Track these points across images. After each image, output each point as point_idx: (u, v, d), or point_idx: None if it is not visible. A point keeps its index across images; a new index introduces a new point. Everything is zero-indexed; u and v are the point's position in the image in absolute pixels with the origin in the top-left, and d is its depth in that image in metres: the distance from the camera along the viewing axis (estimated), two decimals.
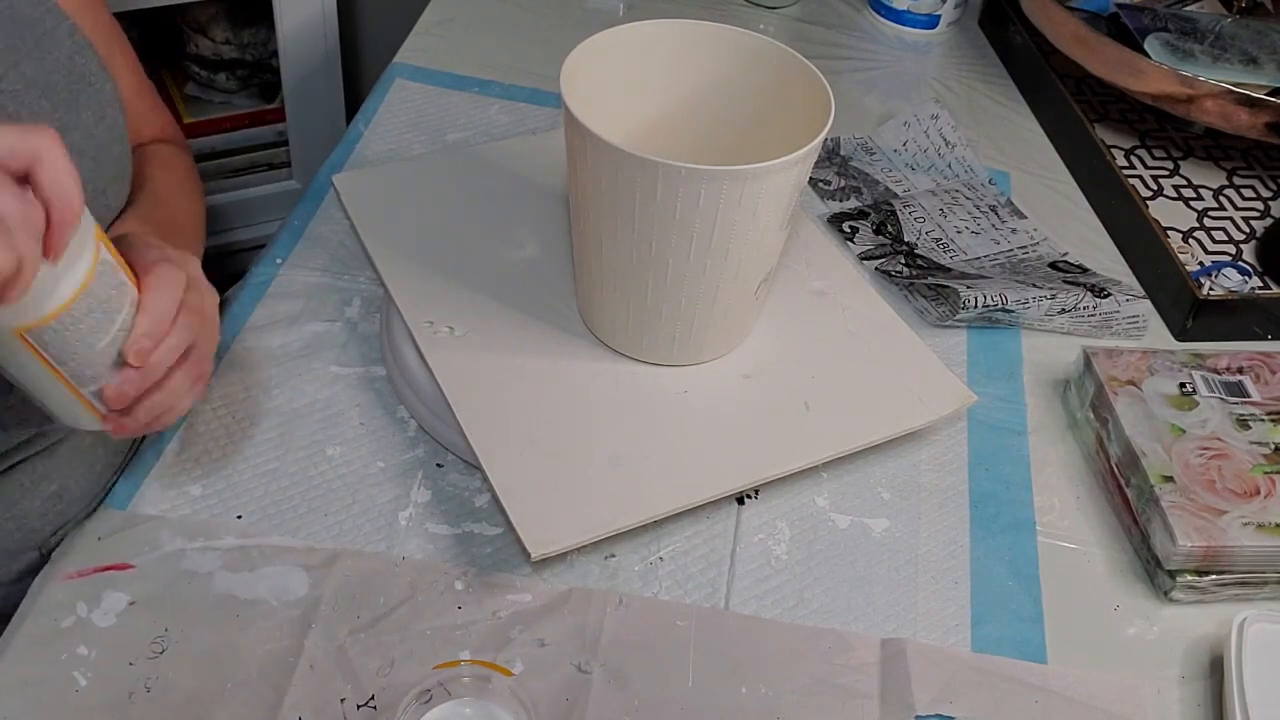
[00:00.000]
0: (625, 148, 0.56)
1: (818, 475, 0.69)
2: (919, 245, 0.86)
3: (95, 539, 0.60)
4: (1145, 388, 0.72)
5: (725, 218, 0.58)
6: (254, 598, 0.59)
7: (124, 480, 0.64)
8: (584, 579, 0.62)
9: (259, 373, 0.70)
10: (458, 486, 0.66)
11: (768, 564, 0.65)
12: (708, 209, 0.57)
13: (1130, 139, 0.97)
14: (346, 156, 0.87)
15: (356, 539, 0.63)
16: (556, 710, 0.56)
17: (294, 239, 0.80)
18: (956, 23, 1.16)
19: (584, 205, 0.62)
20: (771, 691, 0.58)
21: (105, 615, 0.57)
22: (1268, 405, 0.71)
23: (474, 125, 0.92)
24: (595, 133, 0.57)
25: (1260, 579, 0.65)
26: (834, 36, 1.12)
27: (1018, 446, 0.74)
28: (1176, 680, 0.62)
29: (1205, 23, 0.99)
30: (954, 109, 1.03)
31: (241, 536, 0.61)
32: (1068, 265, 0.86)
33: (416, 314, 0.68)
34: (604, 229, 0.61)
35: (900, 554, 0.66)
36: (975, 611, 0.64)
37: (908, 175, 0.94)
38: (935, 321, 0.80)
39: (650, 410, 0.66)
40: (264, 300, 0.75)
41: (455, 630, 0.59)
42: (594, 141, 0.57)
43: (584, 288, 0.68)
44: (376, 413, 0.69)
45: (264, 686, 0.56)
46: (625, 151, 0.56)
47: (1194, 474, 0.66)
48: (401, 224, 0.74)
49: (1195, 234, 0.88)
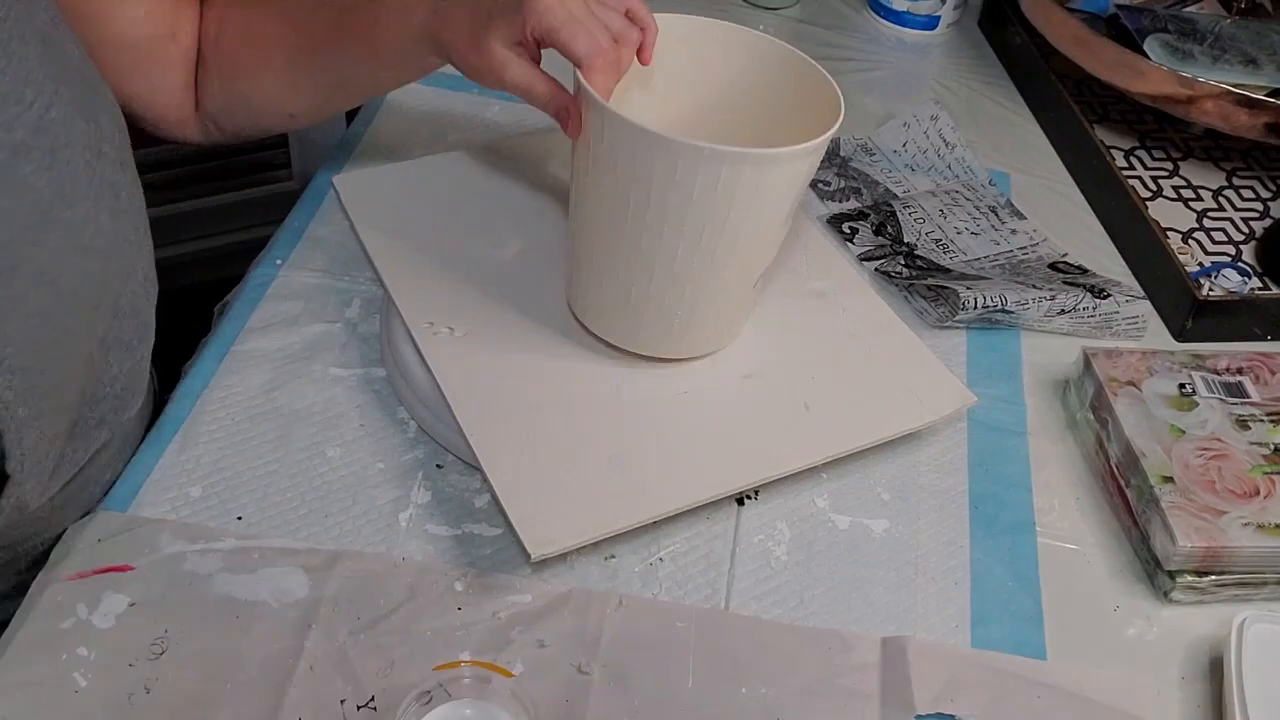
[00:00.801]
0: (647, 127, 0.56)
1: (818, 476, 0.69)
2: (919, 246, 0.86)
3: (95, 541, 0.60)
4: (1145, 388, 0.72)
5: (741, 202, 0.58)
6: (254, 599, 0.59)
7: (124, 482, 0.64)
8: (584, 580, 0.62)
9: (259, 374, 0.70)
10: (458, 487, 0.66)
11: (768, 564, 0.65)
12: (725, 192, 0.57)
13: (1130, 140, 0.97)
14: (346, 157, 0.87)
15: (356, 540, 0.63)
16: (556, 711, 0.56)
17: (294, 240, 0.80)
18: (956, 23, 1.16)
19: (592, 189, 0.62)
20: (772, 692, 0.58)
21: (105, 617, 0.57)
22: (1267, 406, 0.71)
23: (474, 125, 0.92)
24: (615, 111, 0.56)
25: (1260, 579, 0.65)
26: (834, 37, 1.12)
27: (1017, 447, 0.74)
28: (1176, 681, 0.62)
29: (1205, 24, 0.99)
30: (954, 110, 1.03)
31: (241, 538, 0.61)
32: (1067, 266, 0.86)
33: (416, 315, 0.68)
34: (614, 213, 0.61)
35: (900, 555, 0.66)
36: (975, 612, 0.64)
37: (907, 176, 0.94)
38: (935, 322, 0.80)
39: (650, 410, 0.66)
40: (264, 301, 0.75)
41: (455, 631, 0.59)
42: (613, 120, 0.57)
43: (581, 276, 0.67)
44: (376, 414, 0.69)
45: (264, 687, 0.56)
46: (647, 130, 0.56)
47: (1194, 475, 0.66)
48: (401, 225, 0.74)
49: (1195, 235, 0.88)
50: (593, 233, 0.64)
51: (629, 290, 0.64)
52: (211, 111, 0.75)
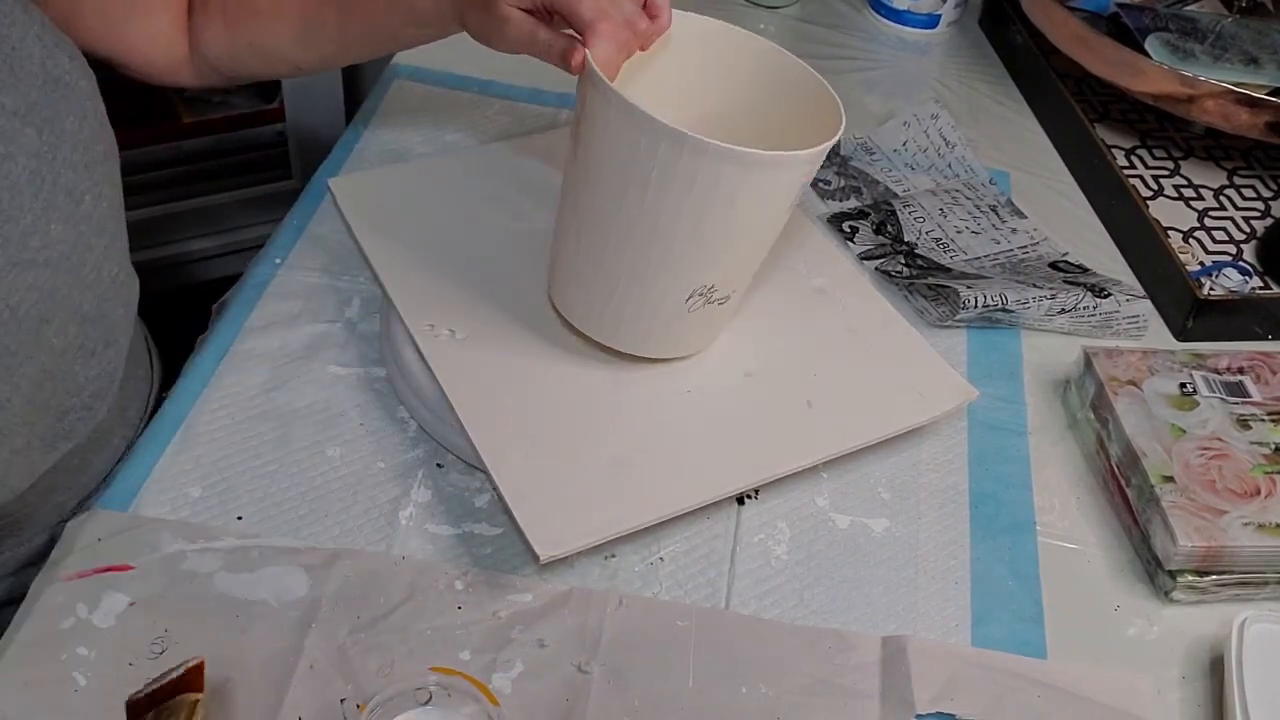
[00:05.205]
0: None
1: (818, 475, 0.69)
2: (919, 245, 0.86)
3: (95, 540, 0.60)
4: (1146, 388, 0.71)
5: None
6: (254, 598, 0.59)
7: (124, 482, 0.64)
8: (584, 579, 0.62)
9: (258, 373, 0.70)
10: (458, 486, 0.66)
11: (768, 564, 0.65)
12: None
13: (1131, 139, 0.97)
14: (346, 157, 0.87)
15: (356, 539, 0.62)
16: (556, 710, 0.56)
17: (293, 239, 0.80)
18: (956, 22, 1.16)
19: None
20: (772, 691, 0.58)
21: (105, 616, 0.57)
22: (1268, 405, 0.71)
23: (474, 125, 0.92)
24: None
25: (1261, 579, 0.65)
26: (834, 36, 1.12)
27: (1018, 446, 0.73)
28: (1177, 680, 0.62)
29: (1206, 22, 0.99)
30: (954, 109, 1.03)
31: (241, 537, 0.61)
32: (1068, 265, 0.86)
33: (417, 317, 0.68)
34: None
35: (900, 554, 0.66)
36: (975, 612, 0.64)
37: (908, 175, 0.94)
38: (935, 321, 0.80)
39: (653, 410, 0.66)
40: (263, 301, 0.75)
41: (455, 630, 0.59)
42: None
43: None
44: (376, 413, 0.69)
45: (264, 687, 0.55)
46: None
47: (1194, 474, 0.66)
48: (399, 227, 0.74)
49: (1196, 234, 0.88)
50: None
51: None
52: (210, 55, 0.73)
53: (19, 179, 0.53)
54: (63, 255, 0.56)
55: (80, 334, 0.59)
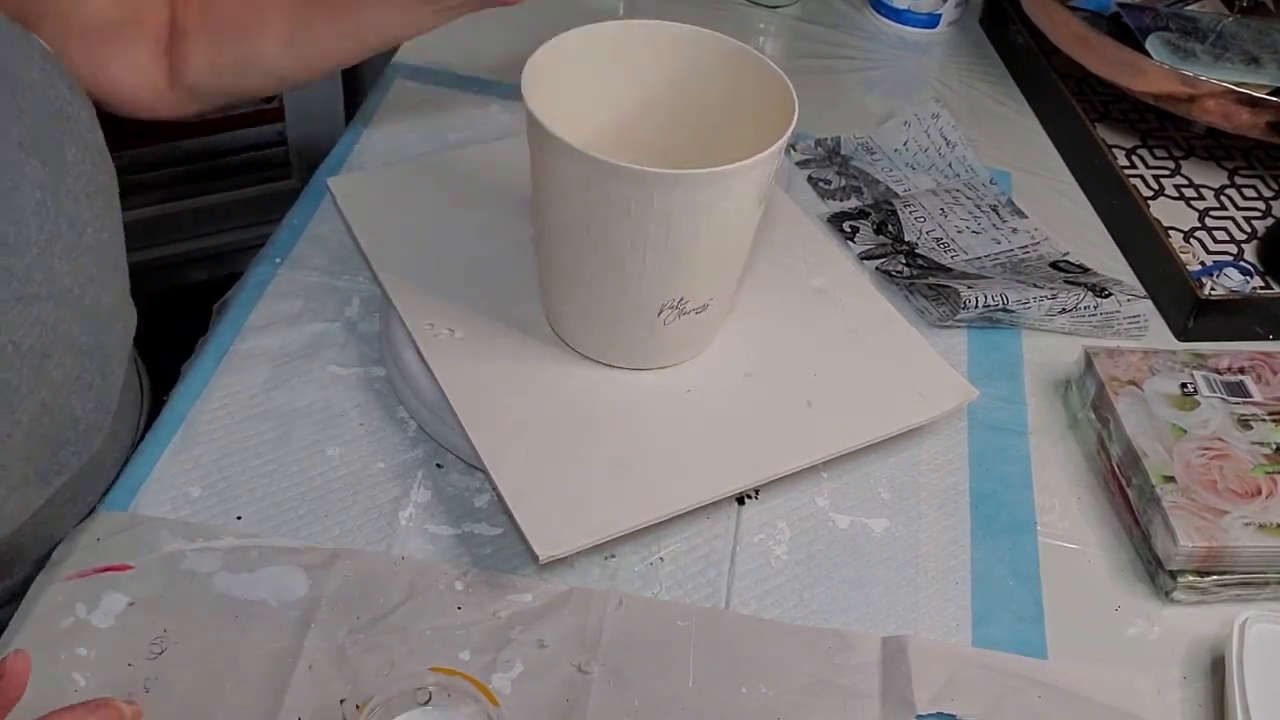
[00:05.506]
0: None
1: (818, 475, 0.69)
2: (919, 245, 0.86)
3: (94, 540, 0.60)
4: (1146, 388, 0.71)
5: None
6: (253, 598, 0.59)
7: (123, 482, 0.64)
8: (584, 579, 0.62)
9: (258, 373, 0.70)
10: (458, 487, 0.66)
11: (768, 564, 0.65)
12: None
13: (1131, 138, 0.97)
14: (346, 156, 0.87)
15: (356, 539, 0.62)
16: (556, 710, 0.56)
17: (293, 239, 0.80)
18: (957, 22, 1.16)
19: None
20: (772, 691, 0.58)
21: (104, 616, 0.57)
22: (1269, 405, 0.71)
23: (474, 125, 0.92)
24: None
25: (1262, 579, 0.65)
26: (834, 36, 1.12)
27: (1018, 446, 0.73)
28: (1177, 681, 0.62)
29: (1207, 22, 0.99)
30: (954, 108, 1.02)
31: (241, 537, 0.61)
32: (1069, 265, 0.86)
33: (417, 317, 0.68)
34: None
35: (900, 554, 0.66)
36: (976, 612, 0.64)
37: (908, 175, 0.94)
38: (936, 321, 0.80)
39: (653, 410, 0.66)
40: (263, 300, 0.75)
41: (455, 630, 0.59)
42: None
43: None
44: (376, 413, 0.69)
45: (263, 687, 0.55)
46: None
47: (1195, 474, 0.66)
48: (399, 227, 0.74)
49: (1196, 234, 0.88)
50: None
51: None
52: (190, 82, 0.73)
53: (25, 211, 0.52)
54: (65, 289, 0.55)
55: (78, 366, 0.57)
